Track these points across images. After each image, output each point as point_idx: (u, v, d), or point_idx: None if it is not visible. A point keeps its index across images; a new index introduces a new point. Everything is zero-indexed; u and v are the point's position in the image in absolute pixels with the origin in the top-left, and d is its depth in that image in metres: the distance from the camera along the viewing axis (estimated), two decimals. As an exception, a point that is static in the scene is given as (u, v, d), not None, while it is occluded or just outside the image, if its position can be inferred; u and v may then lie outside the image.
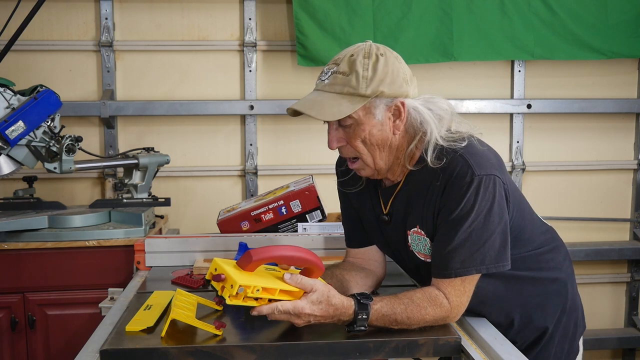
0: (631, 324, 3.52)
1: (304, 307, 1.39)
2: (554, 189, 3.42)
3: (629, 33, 3.20)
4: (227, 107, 3.17)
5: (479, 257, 1.47)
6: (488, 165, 1.50)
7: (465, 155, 1.50)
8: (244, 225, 2.37)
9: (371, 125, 1.53)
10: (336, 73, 1.53)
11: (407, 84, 1.54)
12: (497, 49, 3.18)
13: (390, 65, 1.52)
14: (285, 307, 1.39)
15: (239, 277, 1.36)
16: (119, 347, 1.38)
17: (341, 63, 1.53)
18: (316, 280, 1.43)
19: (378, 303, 1.44)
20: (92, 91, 3.17)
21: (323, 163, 3.25)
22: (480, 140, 1.60)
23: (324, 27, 3.07)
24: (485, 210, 1.47)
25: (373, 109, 1.52)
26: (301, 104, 1.55)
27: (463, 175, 1.48)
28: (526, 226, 1.64)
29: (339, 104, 1.50)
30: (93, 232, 2.42)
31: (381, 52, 1.53)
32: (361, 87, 1.49)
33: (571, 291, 1.74)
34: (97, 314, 1.86)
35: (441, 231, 1.52)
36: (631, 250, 3.39)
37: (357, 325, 1.43)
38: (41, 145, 2.45)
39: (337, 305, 1.41)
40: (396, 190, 1.64)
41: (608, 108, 3.34)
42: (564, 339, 1.72)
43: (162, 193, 3.08)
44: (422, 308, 1.46)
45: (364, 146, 1.55)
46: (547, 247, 1.69)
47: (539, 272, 1.66)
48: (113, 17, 3.13)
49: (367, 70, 1.50)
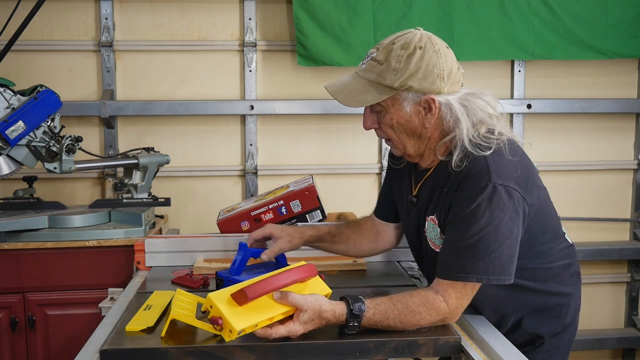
0: (631, 324, 3.52)
1: (297, 330, 1.40)
2: (554, 189, 3.35)
3: (629, 33, 3.20)
4: (227, 107, 3.17)
5: (483, 266, 1.46)
6: (508, 176, 1.48)
7: (489, 159, 1.49)
8: (244, 225, 2.37)
9: (399, 116, 1.56)
10: (373, 60, 1.55)
11: (442, 80, 1.53)
12: (497, 49, 3.18)
13: (427, 59, 1.52)
14: (280, 333, 1.39)
15: (237, 320, 1.36)
16: (119, 347, 1.38)
17: (381, 49, 1.55)
18: (306, 298, 1.42)
19: (371, 310, 1.43)
20: (92, 91, 3.17)
21: (323, 163, 3.26)
22: (517, 147, 1.57)
23: (324, 27, 3.07)
24: (496, 221, 1.45)
25: (402, 100, 1.54)
26: (333, 86, 1.60)
27: (479, 177, 1.47)
28: (545, 241, 1.62)
29: (366, 91, 1.53)
30: (93, 232, 2.42)
31: (422, 44, 1.52)
32: (390, 79, 1.52)
33: (573, 307, 1.71)
34: (97, 314, 1.86)
35: (450, 229, 1.52)
36: (631, 250, 3.39)
37: (348, 330, 1.43)
38: (41, 145, 2.45)
39: (329, 318, 1.42)
40: (425, 176, 1.65)
41: (608, 108, 3.34)
42: (556, 351, 1.70)
43: (162, 193, 3.08)
44: (416, 314, 1.45)
45: (393, 132, 1.59)
46: (561, 262, 1.67)
47: (544, 285, 1.64)
48: (113, 17, 3.13)
49: (399, 62, 1.51)
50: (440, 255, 1.53)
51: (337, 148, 3.30)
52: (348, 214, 2.59)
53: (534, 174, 1.59)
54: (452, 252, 1.49)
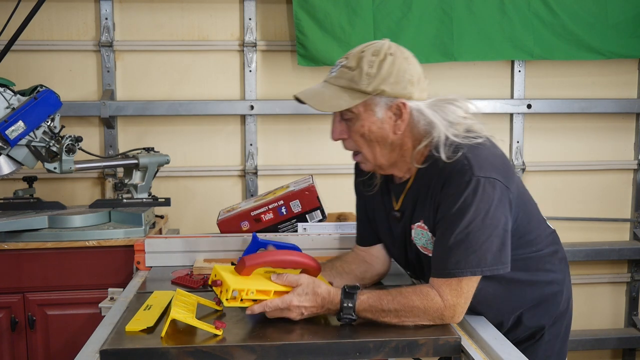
0: (631, 324, 3.52)
1: (291, 300, 1.46)
2: (554, 189, 3.42)
3: (629, 33, 3.20)
4: (227, 107, 3.17)
5: (475, 259, 1.47)
6: (490, 168, 1.50)
7: (469, 155, 1.51)
8: (244, 225, 2.37)
9: (371, 122, 1.55)
10: (344, 67, 1.56)
11: (412, 85, 1.55)
12: (497, 49, 3.18)
13: (397, 65, 1.53)
14: (274, 303, 1.46)
15: (234, 281, 1.46)
16: (119, 347, 1.38)
17: (350, 57, 1.56)
18: (302, 275, 1.50)
19: (365, 294, 1.48)
20: (92, 91, 3.17)
21: (323, 163, 3.26)
22: (494, 143, 1.60)
23: (324, 27, 3.07)
24: (483, 213, 1.47)
25: (373, 106, 1.54)
26: (305, 93, 1.59)
27: (462, 173, 1.49)
28: (532, 229, 1.64)
29: (339, 97, 1.54)
30: (93, 232, 2.42)
31: (392, 51, 1.54)
32: (363, 83, 1.52)
33: (566, 294, 1.74)
34: (97, 314, 1.86)
35: (439, 229, 1.53)
36: (631, 250, 3.39)
37: (344, 313, 1.46)
38: (41, 145, 2.45)
39: (323, 295, 1.47)
40: (406, 188, 1.65)
41: (608, 108, 3.34)
42: (555, 339, 1.73)
43: (162, 193, 3.08)
44: (410, 300, 1.47)
45: (363, 141, 1.58)
46: (549, 249, 1.70)
47: (537, 274, 1.66)
48: (113, 17, 3.13)
49: (372, 67, 1.52)
50: (433, 256, 1.54)
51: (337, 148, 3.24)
52: (348, 214, 2.59)
53: (510, 164, 1.62)
54: (444, 251, 1.50)
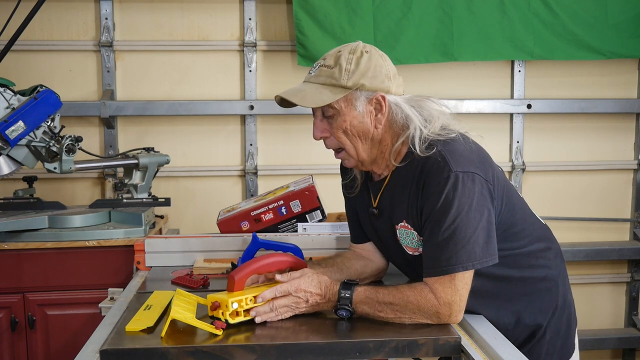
0: (631, 324, 3.52)
1: (299, 284, 1.53)
2: (554, 189, 3.42)
3: (629, 33, 3.20)
4: (227, 107, 3.17)
5: (464, 254, 1.49)
6: (466, 163, 1.52)
7: (444, 152, 1.53)
8: (244, 225, 2.37)
9: (352, 117, 1.60)
10: (322, 66, 1.61)
11: (389, 80, 1.60)
12: (497, 49, 3.18)
13: (374, 61, 1.60)
14: (283, 287, 1.53)
15: (230, 296, 1.49)
16: (119, 347, 1.38)
17: (328, 58, 1.62)
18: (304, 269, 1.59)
19: (363, 286, 1.54)
20: (92, 91, 3.17)
21: (323, 163, 3.25)
22: (467, 138, 1.61)
23: (324, 27, 3.07)
24: (466, 207, 1.49)
25: (354, 100, 1.59)
26: (286, 92, 1.63)
27: (440, 171, 1.51)
28: (517, 222, 1.65)
29: (320, 92, 1.58)
30: (93, 232, 2.42)
31: (367, 49, 1.61)
32: (343, 79, 1.57)
33: (562, 289, 1.74)
34: (97, 314, 1.86)
35: (427, 229, 1.55)
36: (631, 250, 3.39)
37: (340, 304, 1.52)
38: (41, 145, 2.45)
39: (326, 283, 1.54)
40: (383, 185, 1.68)
41: (608, 108, 3.34)
42: (556, 336, 1.72)
43: (162, 193, 3.08)
44: (404, 295, 1.51)
45: (345, 137, 1.62)
46: (539, 244, 1.70)
47: (528, 271, 1.67)
48: (113, 17, 3.13)
49: (350, 64, 1.58)
50: (424, 256, 1.56)
51: (337, 148, 3.29)
52: (348, 214, 2.59)
53: (488, 156, 1.63)
54: (434, 249, 1.52)
